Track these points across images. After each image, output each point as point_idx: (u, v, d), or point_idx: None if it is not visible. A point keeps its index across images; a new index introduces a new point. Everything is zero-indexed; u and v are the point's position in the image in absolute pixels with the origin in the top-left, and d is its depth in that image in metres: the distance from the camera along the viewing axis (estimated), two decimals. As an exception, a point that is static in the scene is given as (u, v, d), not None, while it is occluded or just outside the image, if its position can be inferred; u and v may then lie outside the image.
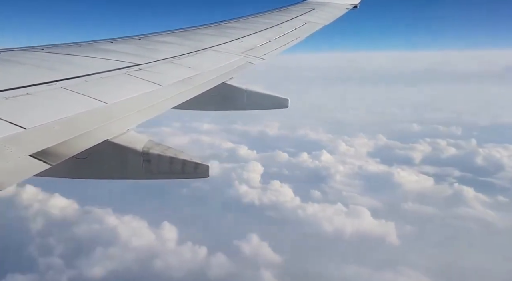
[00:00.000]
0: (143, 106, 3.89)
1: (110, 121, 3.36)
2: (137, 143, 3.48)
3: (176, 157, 3.55)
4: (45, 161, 2.47)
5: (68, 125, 3.01)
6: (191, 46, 6.54)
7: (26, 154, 2.46)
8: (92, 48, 5.59)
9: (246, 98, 6.06)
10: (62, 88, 3.68)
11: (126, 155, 3.41)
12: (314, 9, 11.10)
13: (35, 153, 2.50)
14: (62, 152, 2.66)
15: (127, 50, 5.76)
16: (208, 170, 3.66)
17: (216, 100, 5.90)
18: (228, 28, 8.43)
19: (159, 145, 3.62)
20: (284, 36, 8.39)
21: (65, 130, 2.91)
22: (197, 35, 7.52)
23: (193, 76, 5.13)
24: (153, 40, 6.64)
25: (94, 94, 3.71)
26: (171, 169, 3.57)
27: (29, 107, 3.10)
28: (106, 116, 3.41)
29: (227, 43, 7.15)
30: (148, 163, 3.50)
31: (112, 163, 3.50)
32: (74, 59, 4.90)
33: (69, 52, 5.15)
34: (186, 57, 5.90)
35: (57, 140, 2.72)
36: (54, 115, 3.07)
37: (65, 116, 3.11)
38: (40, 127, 2.81)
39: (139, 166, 3.50)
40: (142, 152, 3.47)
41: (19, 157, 2.42)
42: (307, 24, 9.63)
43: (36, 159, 2.46)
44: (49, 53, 4.95)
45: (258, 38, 7.85)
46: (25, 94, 3.30)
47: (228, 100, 5.99)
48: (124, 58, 5.22)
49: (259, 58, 6.72)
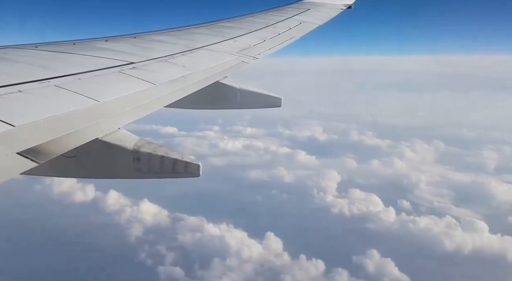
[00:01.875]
0: (136, 104, 3.88)
1: (102, 119, 3.35)
2: (128, 142, 3.46)
3: (166, 156, 3.52)
4: (32, 159, 2.45)
5: (58, 123, 3.00)
6: (185, 45, 6.54)
7: (14, 152, 2.44)
8: (86, 46, 5.59)
9: (239, 97, 6.08)
10: (55, 86, 3.66)
11: (115, 153, 3.39)
12: (309, 9, 11.13)
13: (23, 151, 2.47)
14: (50, 150, 2.64)
15: (122, 48, 5.76)
16: (199, 169, 3.60)
17: (209, 98, 5.92)
18: (223, 28, 8.44)
19: (150, 144, 3.59)
20: (279, 35, 8.40)
21: (55, 128, 2.90)
22: (191, 35, 7.52)
23: (187, 75, 5.14)
24: (148, 39, 6.65)
25: (87, 92, 3.70)
26: (162, 168, 3.54)
27: (20, 105, 3.08)
28: (97, 114, 3.40)
29: (222, 43, 7.16)
30: (138, 162, 3.47)
31: (101, 162, 3.47)
32: (68, 57, 4.89)
33: (63, 50, 5.14)
34: (181, 56, 5.91)
35: (46, 138, 2.71)
36: (45, 112, 3.05)
37: (56, 114, 3.09)
38: (30, 125, 2.79)
39: (128, 165, 3.48)
40: (132, 150, 3.44)
41: (7, 155, 2.39)
42: (301, 24, 9.65)
43: (24, 157, 2.44)
44: (43, 51, 4.94)
45: (252, 38, 7.87)
46: (17, 91, 3.28)
47: (221, 98, 6.00)
48: (119, 56, 5.22)
49: (254, 57, 6.74)
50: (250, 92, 6.18)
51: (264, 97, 6.34)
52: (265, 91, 6.38)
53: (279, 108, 6.37)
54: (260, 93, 6.32)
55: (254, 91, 6.25)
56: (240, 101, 6.12)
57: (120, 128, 3.50)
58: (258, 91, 6.30)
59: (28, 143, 2.58)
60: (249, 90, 6.17)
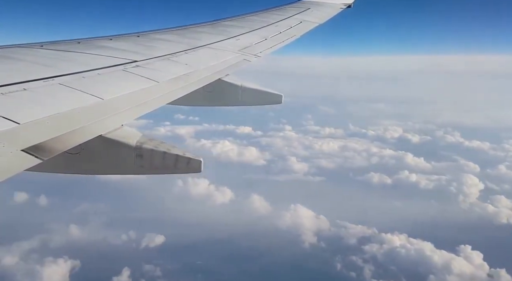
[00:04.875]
0: (139, 102, 3.94)
1: (105, 117, 3.40)
2: (131, 138, 3.51)
3: (168, 152, 3.56)
4: (37, 156, 2.49)
5: (62, 120, 3.05)
6: (188, 43, 6.59)
7: (18, 149, 2.48)
8: (90, 45, 5.65)
9: (241, 94, 6.13)
10: (59, 84, 3.71)
11: (118, 150, 3.43)
12: (309, 8, 11.19)
13: (27, 148, 2.51)
14: (54, 147, 2.68)
15: (125, 47, 5.81)
16: (201, 165, 3.63)
17: (211, 96, 5.97)
18: (225, 26, 8.48)
19: (152, 140, 3.64)
20: (280, 34, 8.45)
21: (59, 125, 2.94)
22: (194, 33, 7.57)
23: (190, 73, 5.19)
24: (151, 38, 6.70)
25: (90, 90, 3.75)
26: (164, 164, 3.58)
27: (25, 103, 3.13)
28: (101, 112, 3.45)
29: (224, 41, 7.21)
30: (140, 158, 3.52)
31: (104, 158, 3.51)
32: (73, 55, 4.94)
33: (67, 49, 5.20)
34: (183, 54, 5.96)
35: (50, 135, 2.75)
36: (50, 110, 3.10)
37: (60, 112, 3.14)
38: (34, 122, 2.84)
39: (131, 161, 3.52)
40: (135, 147, 3.48)
41: (11, 152, 2.43)
42: (302, 23, 9.71)
43: (28, 154, 2.48)
44: (47, 50, 4.99)
45: (254, 36, 7.92)
46: (22, 89, 3.34)
47: (223, 96, 6.04)
48: (122, 55, 5.27)
49: (255, 55, 6.80)
50: (251, 89, 6.22)
51: (265, 94, 6.37)
52: (265, 88, 6.42)
53: (339, 106, 6.24)
54: (261, 90, 6.35)
55: (255, 88, 6.29)
56: (242, 98, 6.17)
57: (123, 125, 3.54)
58: (259, 88, 6.34)
59: (33, 140, 2.62)
60: (250, 87, 6.21)
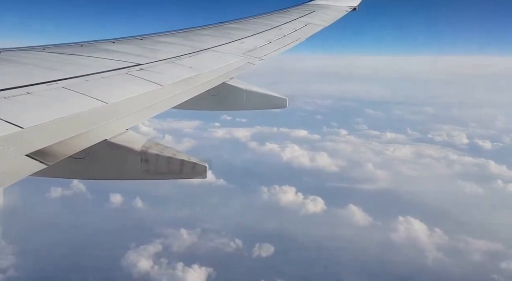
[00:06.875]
0: (143, 106, 3.89)
1: (110, 121, 3.35)
2: (136, 143, 3.45)
3: (174, 157, 3.50)
4: (41, 161, 2.44)
5: (67, 124, 3.00)
6: (192, 46, 6.56)
7: (23, 153, 2.43)
8: (94, 48, 5.61)
9: (245, 98, 6.08)
10: (63, 87, 3.68)
11: (124, 155, 3.37)
12: (314, 11, 11.15)
13: (31, 152, 2.47)
14: (59, 152, 2.64)
15: (129, 50, 5.78)
16: (206, 170, 3.57)
17: (215, 99, 5.93)
18: (229, 29, 8.45)
19: (158, 145, 3.58)
20: (285, 37, 8.42)
21: (63, 130, 2.89)
22: (198, 36, 7.54)
23: (194, 76, 5.15)
24: (155, 41, 6.67)
25: (94, 93, 3.71)
26: (169, 169, 3.51)
27: (28, 107, 3.08)
28: (105, 116, 3.40)
29: (228, 44, 7.18)
30: (146, 163, 3.46)
31: (109, 163, 3.46)
32: (76, 59, 4.91)
33: (71, 52, 5.17)
34: (187, 57, 5.92)
35: (55, 140, 2.70)
36: (53, 114, 3.05)
37: (64, 116, 3.09)
38: (38, 127, 2.79)
39: (136, 166, 3.46)
40: (140, 152, 3.43)
41: (16, 157, 2.39)
42: (307, 25, 9.66)
43: (33, 159, 2.43)
44: (50, 53, 4.96)
45: (258, 39, 7.89)
46: (25, 93, 3.29)
47: (228, 99, 6.01)
48: (126, 58, 5.24)
49: (260, 58, 6.75)
50: (256, 93, 6.18)
51: (270, 98, 6.34)
52: (270, 92, 6.38)
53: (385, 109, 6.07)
54: (266, 94, 6.32)
55: (260, 92, 6.25)
56: (246, 102, 6.12)
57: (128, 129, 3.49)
58: (263, 92, 6.30)
59: (37, 144, 2.57)
60: (255, 91, 6.17)
